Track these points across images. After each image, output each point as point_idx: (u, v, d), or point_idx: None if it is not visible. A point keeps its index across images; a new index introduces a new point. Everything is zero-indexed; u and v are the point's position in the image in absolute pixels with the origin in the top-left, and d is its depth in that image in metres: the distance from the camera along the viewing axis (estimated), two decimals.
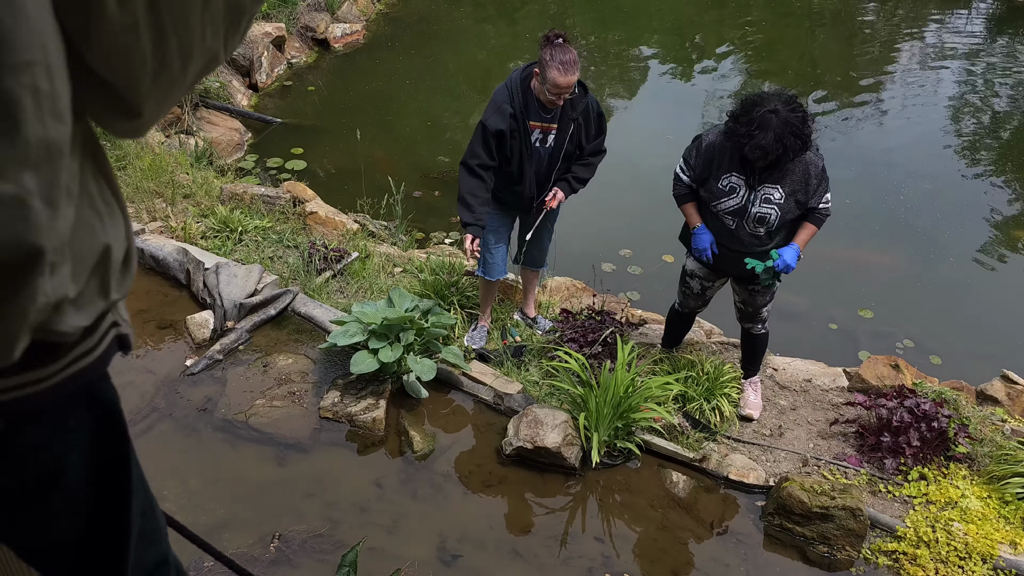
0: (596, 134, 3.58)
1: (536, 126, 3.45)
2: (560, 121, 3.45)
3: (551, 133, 3.48)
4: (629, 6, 10.43)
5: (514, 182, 3.58)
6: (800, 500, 3.20)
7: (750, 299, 3.54)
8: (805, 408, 3.90)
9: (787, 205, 3.18)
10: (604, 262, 5.38)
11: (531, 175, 3.55)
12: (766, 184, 3.18)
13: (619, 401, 3.43)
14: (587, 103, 3.48)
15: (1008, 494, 3.34)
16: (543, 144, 3.50)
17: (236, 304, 4.01)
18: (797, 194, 3.18)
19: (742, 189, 3.21)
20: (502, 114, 3.38)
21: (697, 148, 3.31)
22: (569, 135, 3.48)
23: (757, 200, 3.19)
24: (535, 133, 3.47)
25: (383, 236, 5.30)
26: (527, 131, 3.44)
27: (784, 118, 2.96)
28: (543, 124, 3.45)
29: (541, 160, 3.54)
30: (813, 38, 9.96)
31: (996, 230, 6.18)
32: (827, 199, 3.24)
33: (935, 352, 4.87)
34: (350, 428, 3.54)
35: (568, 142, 3.50)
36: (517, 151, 3.47)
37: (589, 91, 3.51)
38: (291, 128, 6.89)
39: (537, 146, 3.50)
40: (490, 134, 3.39)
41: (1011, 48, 9.71)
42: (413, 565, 2.94)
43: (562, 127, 3.46)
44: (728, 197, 3.24)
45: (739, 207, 3.22)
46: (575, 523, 3.28)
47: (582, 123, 3.49)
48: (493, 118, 3.38)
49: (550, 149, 3.51)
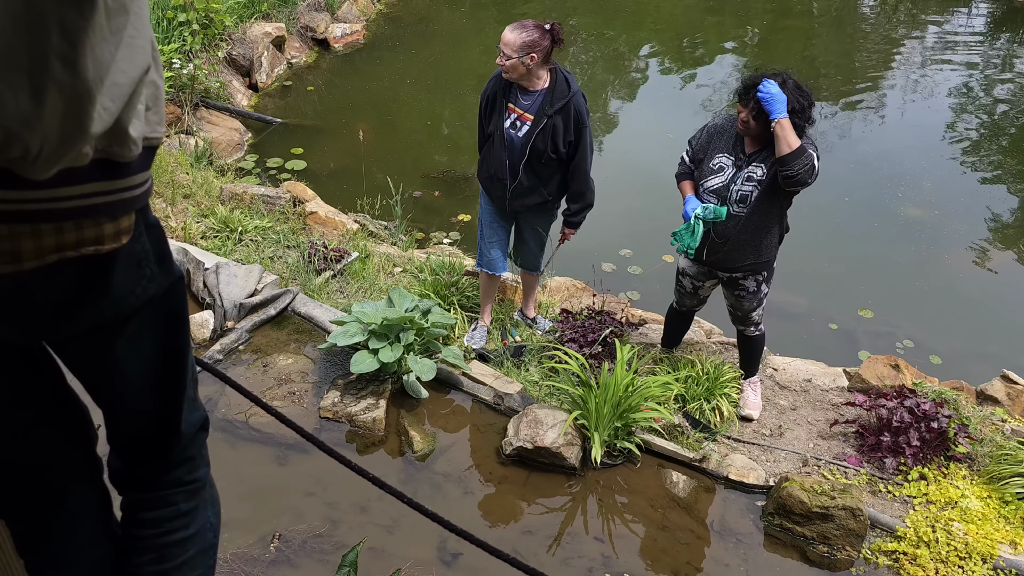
0: (575, 140, 3.51)
1: (513, 110, 3.50)
2: (536, 114, 3.45)
3: (526, 123, 3.48)
4: (630, 6, 10.43)
5: (488, 160, 3.63)
6: (800, 500, 3.20)
7: (737, 304, 3.56)
8: (805, 408, 3.90)
9: (767, 180, 3.24)
10: (604, 262, 5.38)
11: (501, 154, 3.55)
12: (753, 163, 3.26)
13: (619, 401, 3.43)
14: (569, 102, 3.43)
15: (1008, 494, 3.34)
16: (516, 130, 3.51)
17: (236, 304, 4.01)
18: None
19: (729, 168, 3.31)
20: (493, 79, 3.55)
21: (702, 129, 3.48)
22: (541, 128, 3.45)
23: (740, 179, 3.27)
24: (511, 116, 3.51)
25: (383, 236, 5.30)
26: (504, 108, 3.51)
27: (780, 76, 3.18)
28: (520, 111, 3.49)
29: (514, 146, 3.53)
30: (813, 38, 9.96)
31: (996, 230, 6.18)
32: (810, 154, 3.12)
33: (935, 352, 4.87)
34: (350, 428, 3.54)
35: (539, 137, 3.46)
36: (495, 124, 3.56)
37: (576, 89, 3.48)
38: (291, 128, 6.88)
39: (509, 129, 3.51)
40: (482, 101, 3.60)
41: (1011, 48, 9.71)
42: (413, 565, 2.94)
43: (537, 119, 3.45)
44: (715, 175, 3.34)
45: (721, 186, 3.31)
46: (575, 523, 3.28)
47: (560, 124, 3.44)
48: (486, 85, 3.59)
49: (521, 139, 3.50)
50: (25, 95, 0.93)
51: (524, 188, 3.60)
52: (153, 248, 1.26)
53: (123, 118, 1.08)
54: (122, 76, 1.05)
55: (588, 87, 8.23)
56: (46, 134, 0.97)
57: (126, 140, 1.10)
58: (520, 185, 3.59)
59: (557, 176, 3.62)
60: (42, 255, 1.08)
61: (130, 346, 1.31)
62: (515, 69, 3.36)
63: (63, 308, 1.16)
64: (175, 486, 1.49)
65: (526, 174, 3.56)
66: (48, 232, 1.07)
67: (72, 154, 1.02)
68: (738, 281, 3.48)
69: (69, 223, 1.08)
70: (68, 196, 1.06)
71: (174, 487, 1.49)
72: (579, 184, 3.63)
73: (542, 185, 3.61)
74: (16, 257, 1.06)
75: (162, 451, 1.46)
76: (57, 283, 1.12)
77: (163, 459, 1.47)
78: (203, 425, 1.56)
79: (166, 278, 1.31)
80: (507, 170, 3.56)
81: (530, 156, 3.50)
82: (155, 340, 1.34)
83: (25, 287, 1.10)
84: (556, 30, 3.37)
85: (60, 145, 1.00)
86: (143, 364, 1.35)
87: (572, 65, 8.70)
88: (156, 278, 1.27)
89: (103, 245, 1.14)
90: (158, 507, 1.48)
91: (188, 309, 1.44)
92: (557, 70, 3.47)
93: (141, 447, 1.46)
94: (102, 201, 1.11)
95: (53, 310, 1.16)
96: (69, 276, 1.13)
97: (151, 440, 1.45)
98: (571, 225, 3.79)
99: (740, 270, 3.44)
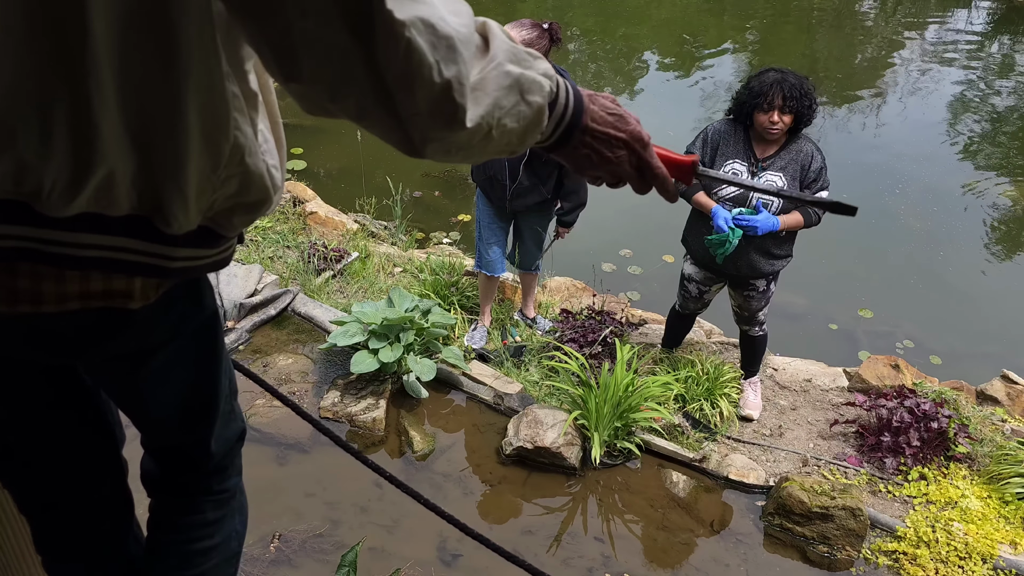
0: None
1: None
2: None
3: None
4: (630, 5, 10.43)
5: (486, 162, 3.59)
6: (800, 500, 3.20)
7: (745, 304, 3.54)
8: (805, 408, 3.90)
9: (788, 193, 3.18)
10: (604, 262, 5.38)
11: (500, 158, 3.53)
12: (768, 171, 3.20)
13: (619, 401, 3.43)
14: None
15: (1008, 494, 3.34)
16: None
17: (236, 304, 4.01)
18: (796, 182, 3.20)
19: (744, 175, 3.21)
20: None
21: (703, 138, 3.34)
22: None
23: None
24: None
25: (383, 236, 5.30)
26: None
27: (789, 74, 3.14)
28: None
29: None
30: (813, 38, 9.95)
31: (996, 229, 6.18)
32: (822, 197, 3.20)
33: (935, 352, 4.87)
34: (350, 428, 3.54)
35: None
36: None
37: None
38: (291, 128, 6.87)
39: None
40: None
41: (1011, 48, 9.70)
42: (413, 565, 2.94)
43: None
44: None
45: (740, 194, 3.21)
46: (575, 523, 3.28)
47: None
48: None
49: None
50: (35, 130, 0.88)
51: (524, 188, 3.60)
52: (186, 286, 1.20)
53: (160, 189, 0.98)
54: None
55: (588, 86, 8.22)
56: (59, 171, 0.91)
57: (162, 212, 1.00)
58: (520, 185, 3.59)
59: (555, 174, 3.63)
60: (64, 301, 1.02)
61: (158, 377, 1.27)
62: None
63: (81, 339, 1.12)
64: (205, 494, 1.48)
65: (526, 174, 3.56)
66: (73, 279, 1.01)
67: (86, 196, 0.94)
68: (748, 281, 3.46)
69: (96, 272, 1.02)
70: (93, 244, 0.99)
71: (204, 495, 1.48)
72: (574, 182, 3.64)
73: (541, 184, 3.61)
74: (36, 298, 1.01)
75: (193, 465, 1.46)
76: (77, 317, 1.07)
77: (194, 471, 1.46)
78: (240, 436, 1.54)
79: (199, 314, 1.25)
80: (506, 171, 3.56)
81: (530, 156, 3.50)
82: (185, 372, 1.30)
83: (43, 318, 1.05)
84: (554, 30, 3.37)
85: (70, 185, 0.92)
86: (172, 394, 1.32)
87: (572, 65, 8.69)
88: (188, 315, 1.23)
89: (132, 300, 1.07)
90: (186, 513, 1.48)
91: (223, 338, 1.39)
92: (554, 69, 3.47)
93: (173, 458, 1.46)
94: (133, 260, 1.03)
95: (71, 339, 1.11)
96: (91, 314, 1.07)
97: (182, 455, 1.45)
98: (565, 224, 3.80)
99: (763, 276, 3.41)
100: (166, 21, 0.84)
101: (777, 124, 3.11)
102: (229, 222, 1.09)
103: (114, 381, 1.30)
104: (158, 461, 1.48)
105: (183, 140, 0.94)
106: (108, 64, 0.85)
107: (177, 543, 1.49)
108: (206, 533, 1.50)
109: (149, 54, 0.86)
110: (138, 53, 0.86)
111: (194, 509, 1.48)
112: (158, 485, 1.49)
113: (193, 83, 0.90)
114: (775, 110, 3.08)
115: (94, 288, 1.03)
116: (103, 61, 0.85)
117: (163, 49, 0.86)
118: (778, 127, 3.12)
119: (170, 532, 1.49)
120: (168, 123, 0.92)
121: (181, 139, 0.94)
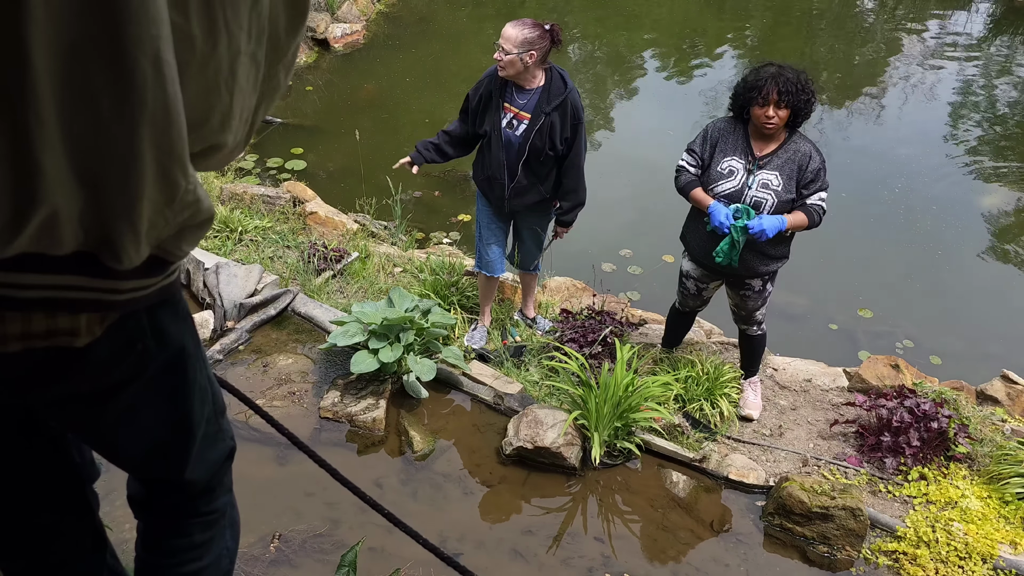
0: (571, 137, 3.49)
1: (509, 109, 3.48)
2: (533, 112, 3.45)
3: (523, 122, 3.47)
4: (629, 5, 10.43)
5: (485, 161, 3.61)
6: (800, 500, 3.20)
7: (742, 303, 3.54)
8: (805, 408, 3.90)
9: (784, 193, 3.18)
10: (604, 262, 5.38)
11: (499, 155, 3.53)
12: (765, 169, 3.20)
13: (619, 401, 3.43)
14: (566, 99, 3.43)
15: (1008, 494, 3.34)
16: (513, 129, 3.49)
17: (236, 304, 4.01)
18: (793, 182, 3.19)
19: (740, 173, 3.21)
20: (487, 77, 3.53)
21: (704, 135, 3.34)
22: (539, 127, 3.44)
23: (755, 184, 3.19)
24: (507, 116, 3.49)
25: (383, 236, 5.30)
26: (499, 107, 3.48)
27: (787, 68, 3.15)
28: (516, 110, 3.47)
29: (511, 146, 3.52)
30: (813, 38, 9.96)
31: (996, 229, 6.18)
32: (821, 198, 3.22)
33: (935, 352, 4.87)
34: (350, 428, 3.54)
35: (537, 135, 3.45)
36: (490, 123, 3.52)
37: (572, 86, 3.47)
38: (291, 128, 6.88)
39: (506, 129, 3.50)
40: (472, 97, 3.59)
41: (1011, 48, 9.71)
42: (413, 565, 2.94)
43: (534, 117, 3.45)
44: (725, 180, 3.23)
45: (735, 190, 3.21)
46: (575, 523, 3.28)
47: (557, 121, 3.44)
48: (478, 82, 3.58)
49: (519, 138, 3.50)
50: None
51: (523, 187, 3.60)
52: (151, 324, 1.13)
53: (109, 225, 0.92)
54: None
55: (588, 86, 8.23)
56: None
57: (111, 249, 0.95)
58: (519, 184, 3.59)
59: (553, 173, 3.62)
60: (3, 343, 0.97)
61: (123, 418, 1.21)
62: (512, 65, 3.35)
63: (25, 380, 1.05)
64: (191, 516, 1.45)
65: (524, 173, 3.56)
66: (13, 320, 0.96)
67: (27, 236, 0.88)
68: (744, 281, 3.46)
69: (39, 313, 0.96)
70: (36, 284, 0.94)
71: (191, 517, 1.45)
72: (572, 181, 3.63)
73: (540, 183, 3.61)
74: None
75: (178, 488, 1.42)
76: (20, 358, 1.01)
77: (180, 493, 1.43)
78: (228, 455, 1.50)
79: (162, 352, 1.17)
80: (505, 170, 3.55)
81: (529, 155, 3.50)
82: (154, 412, 1.24)
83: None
84: (555, 31, 3.37)
85: (8, 226, 0.87)
86: (141, 434, 1.26)
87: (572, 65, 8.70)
88: (151, 354, 1.15)
89: (78, 338, 1.01)
90: (173, 536, 1.45)
91: (196, 373, 1.28)
92: (552, 68, 3.47)
93: (157, 483, 1.43)
94: (78, 297, 0.98)
95: (13, 381, 1.05)
96: (36, 354, 1.01)
97: (165, 481, 1.41)
98: (564, 224, 3.78)
99: (758, 276, 3.41)
100: (117, 52, 0.79)
101: (773, 118, 3.10)
102: (178, 248, 1.05)
103: (77, 422, 1.23)
104: (143, 484, 1.44)
105: (136, 176, 0.88)
106: (51, 99, 0.80)
107: (166, 567, 1.46)
108: (195, 555, 1.47)
109: (99, 88, 0.81)
110: (87, 87, 0.81)
111: (182, 532, 1.45)
112: (144, 507, 1.45)
113: (148, 116, 0.85)
114: (770, 104, 3.08)
115: (36, 328, 0.98)
116: (44, 96, 0.79)
117: (115, 82, 0.81)
118: (774, 121, 3.11)
119: (159, 555, 1.46)
120: (120, 159, 0.86)
121: (133, 175, 0.88)
